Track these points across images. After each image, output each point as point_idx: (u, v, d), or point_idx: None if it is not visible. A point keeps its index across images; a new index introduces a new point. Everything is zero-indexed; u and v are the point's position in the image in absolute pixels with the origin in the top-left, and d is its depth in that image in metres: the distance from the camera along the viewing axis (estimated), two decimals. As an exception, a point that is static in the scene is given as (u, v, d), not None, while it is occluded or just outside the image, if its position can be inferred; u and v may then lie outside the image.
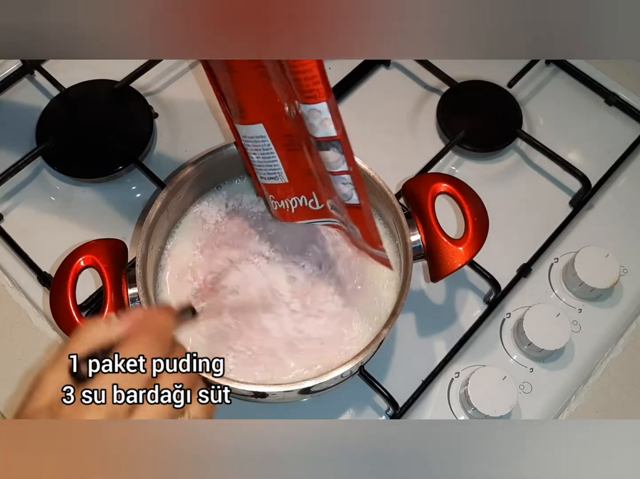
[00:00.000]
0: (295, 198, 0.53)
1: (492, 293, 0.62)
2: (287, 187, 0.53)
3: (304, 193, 0.52)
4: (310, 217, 0.54)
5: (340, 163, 0.45)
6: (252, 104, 0.48)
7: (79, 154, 0.69)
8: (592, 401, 0.61)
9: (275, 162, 0.51)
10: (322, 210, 0.53)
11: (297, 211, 0.54)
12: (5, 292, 0.64)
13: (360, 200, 0.46)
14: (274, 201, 0.55)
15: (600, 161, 0.70)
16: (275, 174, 0.52)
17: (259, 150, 0.51)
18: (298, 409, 0.59)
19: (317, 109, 0.42)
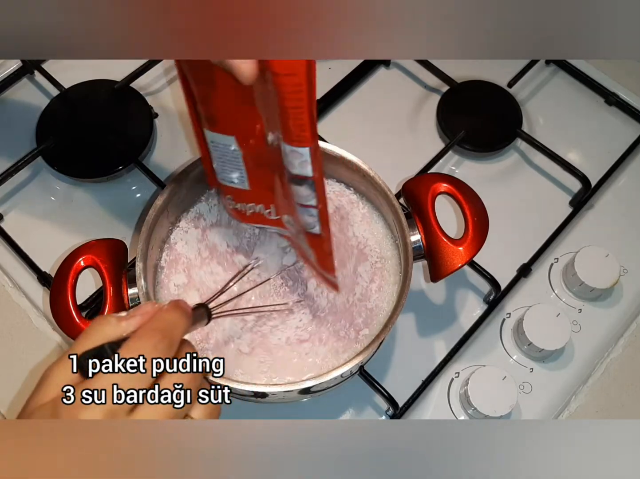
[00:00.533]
0: (253, 205, 0.53)
1: (492, 293, 0.63)
2: (247, 194, 0.52)
3: (263, 202, 0.52)
4: (263, 223, 0.54)
5: (310, 199, 0.45)
6: (229, 118, 0.47)
7: (79, 154, 0.69)
8: (592, 401, 0.61)
9: (241, 171, 0.50)
10: (277, 221, 0.53)
11: (251, 215, 0.54)
12: (5, 292, 0.64)
13: (322, 232, 0.47)
14: (230, 200, 0.54)
15: (600, 161, 0.71)
16: (238, 181, 0.51)
17: (225, 157, 0.50)
18: (298, 409, 0.59)
19: (299, 152, 0.42)
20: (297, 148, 0.42)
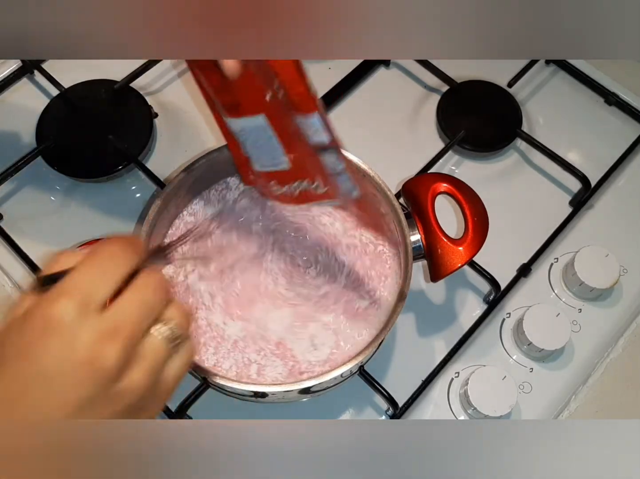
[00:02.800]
0: (299, 182, 0.52)
1: (492, 293, 0.62)
2: (290, 173, 0.52)
3: (307, 177, 0.51)
4: (314, 200, 0.53)
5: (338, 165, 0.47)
6: (250, 97, 0.47)
7: (79, 154, 0.69)
8: (592, 401, 0.61)
9: (278, 150, 0.50)
10: (326, 193, 0.52)
11: (300, 194, 0.53)
12: (5, 292, 0.64)
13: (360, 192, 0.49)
14: (276, 186, 0.54)
15: (600, 161, 0.70)
16: (277, 161, 0.51)
17: (258, 140, 0.50)
18: (298, 409, 0.59)
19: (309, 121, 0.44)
20: (305, 118, 0.44)
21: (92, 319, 0.33)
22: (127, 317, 0.34)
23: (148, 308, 0.35)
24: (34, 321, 0.33)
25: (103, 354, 0.32)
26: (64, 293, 0.33)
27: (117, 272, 0.35)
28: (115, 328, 0.33)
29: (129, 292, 0.35)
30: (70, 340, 0.32)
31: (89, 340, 0.32)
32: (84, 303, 0.33)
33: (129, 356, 0.33)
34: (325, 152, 0.46)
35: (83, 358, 0.32)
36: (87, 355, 0.32)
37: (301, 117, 0.44)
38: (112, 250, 0.36)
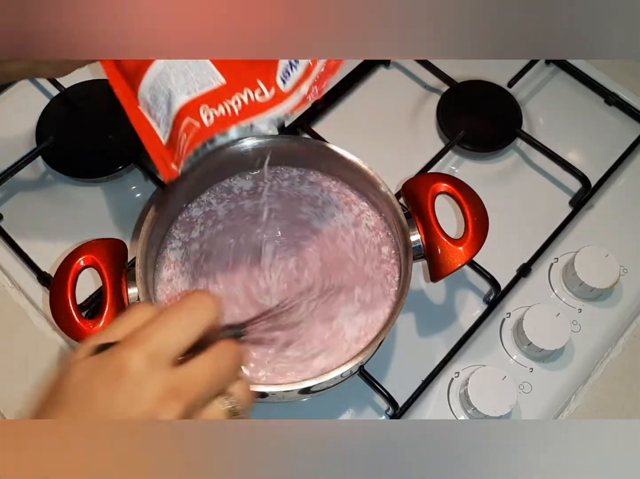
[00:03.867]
0: (238, 95, 0.45)
1: (492, 293, 0.63)
2: (225, 88, 0.45)
3: (247, 85, 0.44)
4: (261, 110, 0.45)
5: None
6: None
7: (79, 154, 0.69)
8: (592, 401, 0.61)
9: (207, 66, 0.44)
10: (275, 96, 0.45)
11: (242, 110, 0.45)
12: (5, 292, 0.64)
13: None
14: (210, 109, 0.45)
15: (600, 161, 0.70)
16: (208, 79, 0.45)
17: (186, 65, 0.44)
18: (298, 409, 0.59)
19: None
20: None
21: (161, 373, 0.32)
22: (196, 380, 0.33)
23: (219, 377, 0.35)
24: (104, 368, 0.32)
25: (163, 411, 0.32)
26: (137, 343, 0.33)
27: (195, 329, 0.34)
28: (182, 388, 0.33)
29: (205, 355, 0.34)
30: (134, 391, 0.32)
31: (152, 394, 0.32)
32: (156, 356, 0.32)
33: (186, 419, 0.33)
34: None
35: (143, 412, 0.31)
36: (147, 409, 0.31)
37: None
38: (193, 305, 0.35)
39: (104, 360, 0.33)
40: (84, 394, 0.32)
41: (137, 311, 0.36)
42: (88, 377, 0.33)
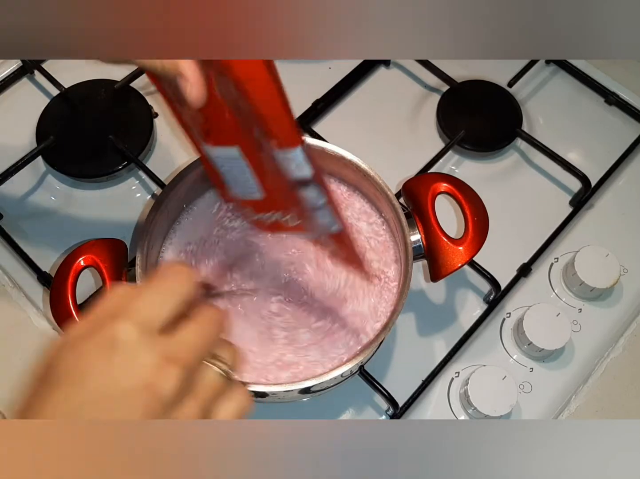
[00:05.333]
0: (272, 213, 0.51)
1: (492, 293, 0.63)
2: (263, 203, 0.51)
3: (281, 209, 0.51)
4: (285, 230, 0.53)
5: (319, 199, 0.44)
6: (226, 128, 0.45)
7: (79, 154, 0.69)
8: (592, 401, 0.61)
9: (250, 182, 0.49)
10: (298, 226, 0.51)
11: (272, 224, 0.53)
12: (5, 292, 0.64)
13: (340, 227, 0.46)
14: (251, 214, 0.54)
15: (600, 161, 0.71)
16: (251, 191, 0.50)
17: (233, 171, 0.49)
18: (298, 409, 0.59)
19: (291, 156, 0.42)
20: (288, 153, 0.41)
21: (153, 342, 0.32)
22: (188, 345, 0.34)
23: (209, 340, 0.35)
24: (94, 342, 0.32)
25: (163, 378, 0.32)
26: (124, 315, 0.33)
27: (177, 298, 0.35)
28: (176, 354, 0.33)
29: (192, 321, 0.35)
30: (130, 361, 0.32)
31: (149, 362, 0.32)
32: (144, 325, 0.32)
33: (185, 385, 0.33)
34: (306, 186, 0.44)
35: (143, 381, 0.31)
36: (147, 378, 0.31)
37: (282, 152, 0.42)
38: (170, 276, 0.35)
39: (93, 335, 0.32)
40: (77, 370, 0.32)
41: (117, 290, 0.36)
42: (79, 353, 0.32)
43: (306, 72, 0.75)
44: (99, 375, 0.31)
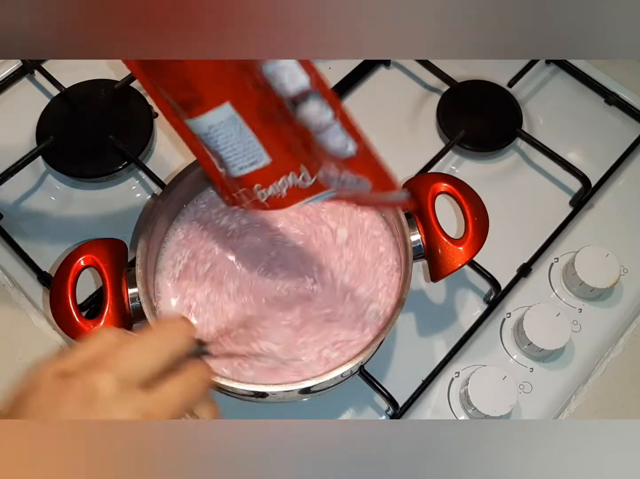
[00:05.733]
0: (284, 178, 0.48)
1: (492, 293, 0.62)
2: (272, 168, 0.48)
3: (292, 169, 0.47)
4: (304, 197, 0.49)
5: (324, 113, 0.40)
6: (212, 84, 0.43)
7: (79, 154, 0.69)
8: (592, 401, 0.61)
9: (253, 143, 0.46)
10: (315, 185, 0.47)
11: (288, 194, 0.49)
12: (5, 292, 0.64)
13: (358, 144, 0.42)
14: (262, 190, 0.49)
15: (600, 161, 0.70)
16: (256, 157, 0.47)
17: (231, 136, 0.46)
18: (298, 409, 0.59)
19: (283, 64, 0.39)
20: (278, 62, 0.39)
21: (132, 397, 0.32)
22: (167, 404, 0.33)
23: (189, 399, 0.35)
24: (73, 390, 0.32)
25: None
26: (107, 366, 0.32)
27: (165, 353, 0.34)
28: (153, 413, 0.32)
29: (177, 379, 0.34)
30: (107, 415, 0.31)
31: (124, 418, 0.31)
32: (126, 379, 0.32)
33: None
34: (307, 101, 0.40)
35: None
36: None
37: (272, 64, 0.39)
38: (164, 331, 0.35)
39: (72, 384, 0.32)
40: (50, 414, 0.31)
41: (104, 335, 0.35)
42: (56, 400, 0.32)
43: (306, 72, 0.75)
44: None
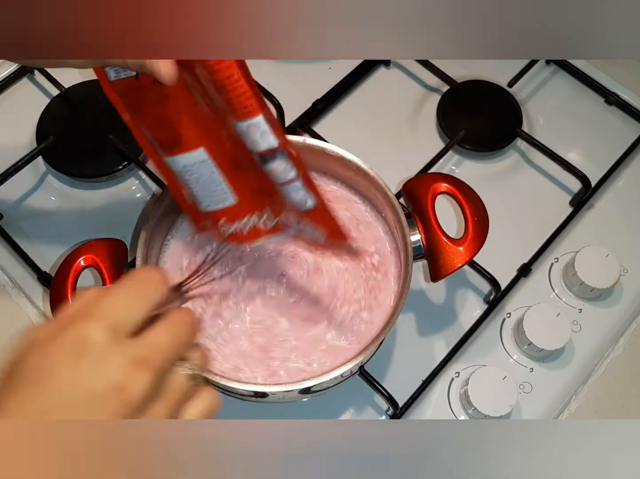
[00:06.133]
0: (248, 218, 0.51)
1: (492, 293, 0.63)
2: (238, 207, 0.51)
3: (256, 210, 0.50)
4: (264, 235, 0.52)
5: (289, 171, 0.45)
6: (190, 129, 0.46)
7: (79, 154, 0.69)
8: (592, 401, 0.61)
9: (222, 185, 0.49)
10: (276, 226, 0.51)
11: (250, 232, 0.52)
12: (5, 292, 0.64)
13: (316, 200, 0.46)
14: (225, 226, 0.52)
15: (600, 161, 0.71)
16: (223, 198, 0.50)
17: (202, 177, 0.49)
18: (298, 409, 0.59)
19: (254, 123, 0.42)
20: (250, 121, 0.42)
21: (123, 344, 0.32)
22: (158, 348, 0.33)
23: (179, 343, 0.35)
24: (62, 342, 0.31)
25: (132, 381, 0.31)
26: (94, 316, 0.32)
27: (149, 300, 0.34)
28: (146, 357, 0.32)
29: (163, 324, 0.34)
30: (100, 363, 0.31)
31: (119, 365, 0.31)
32: (115, 328, 0.32)
33: (155, 389, 0.32)
34: (274, 158, 0.44)
35: (112, 383, 0.31)
36: (117, 380, 0.31)
37: (244, 122, 0.43)
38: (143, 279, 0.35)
39: (62, 334, 0.32)
40: (43, 370, 0.31)
41: (89, 292, 0.35)
42: (46, 353, 0.32)
43: (306, 72, 0.75)
44: (65, 376, 0.31)
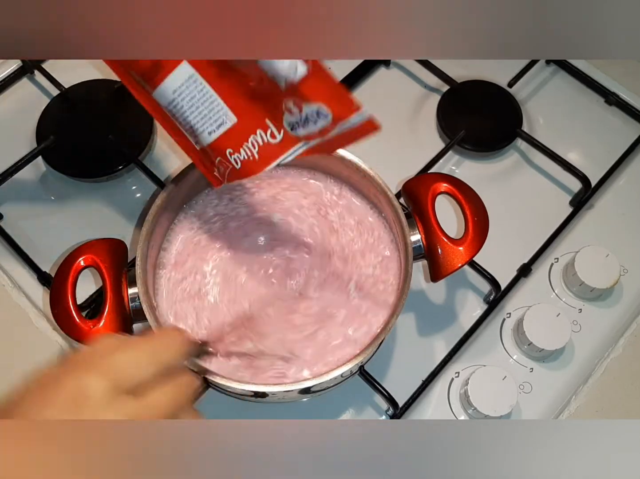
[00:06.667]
0: (253, 137, 0.48)
1: (492, 293, 0.63)
2: (240, 128, 0.48)
3: (259, 126, 0.47)
4: (276, 156, 0.48)
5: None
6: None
7: (79, 154, 0.69)
8: (592, 401, 0.61)
9: (216, 102, 0.47)
10: (284, 141, 0.47)
11: (261, 154, 0.48)
12: (5, 292, 0.64)
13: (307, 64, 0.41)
14: (234, 155, 0.49)
15: (600, 161, 0.70)
16: (222, 117, 0.47)
17: (195, 98, 0.46)
18: (298, 409, 0.59)
19: None
20: None
21: (119, 402, 0.32)
22: (155, 410, 0.34)
23: (176, 410, 0.35)
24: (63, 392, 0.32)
25: None
26: (100, 369, 0.33)
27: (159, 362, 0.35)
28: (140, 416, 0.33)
29: (168, 386, 0.35)
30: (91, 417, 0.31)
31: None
32: (116, 384, 0.32)
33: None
34: None
35: None
36: None
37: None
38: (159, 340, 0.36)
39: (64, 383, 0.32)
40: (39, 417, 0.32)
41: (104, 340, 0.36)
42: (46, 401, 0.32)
43: (306, 72, 0.75)
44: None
